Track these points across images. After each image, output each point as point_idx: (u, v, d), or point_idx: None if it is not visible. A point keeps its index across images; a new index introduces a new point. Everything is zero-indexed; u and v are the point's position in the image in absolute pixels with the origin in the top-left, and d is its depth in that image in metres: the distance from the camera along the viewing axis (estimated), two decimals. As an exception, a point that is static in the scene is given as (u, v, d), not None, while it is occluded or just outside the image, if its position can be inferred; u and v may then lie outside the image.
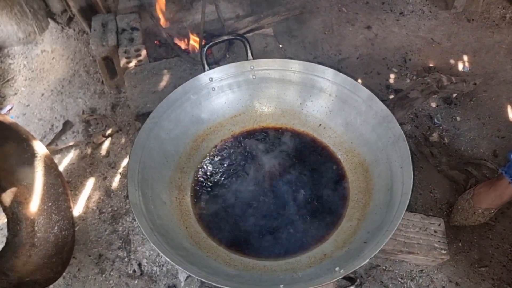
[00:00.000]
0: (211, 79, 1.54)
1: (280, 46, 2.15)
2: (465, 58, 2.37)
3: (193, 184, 1.50)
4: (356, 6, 2.69)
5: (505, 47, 2.41)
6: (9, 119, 1.64)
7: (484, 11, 2.60)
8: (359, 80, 2.20)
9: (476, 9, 2.60)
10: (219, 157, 1.57)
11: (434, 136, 2.00)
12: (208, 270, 1.17)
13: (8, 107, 2.26)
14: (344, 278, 1.08)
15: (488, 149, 1.97)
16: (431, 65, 2.34)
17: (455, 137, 2.02)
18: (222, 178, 1.51)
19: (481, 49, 2.41)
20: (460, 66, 2.33)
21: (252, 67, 1.55)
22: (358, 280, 1.05)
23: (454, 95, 2.15)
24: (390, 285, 1.58)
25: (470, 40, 2.45)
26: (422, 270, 1.61)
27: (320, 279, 1.09)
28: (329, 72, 1.49)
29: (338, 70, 1.49)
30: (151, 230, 1.18)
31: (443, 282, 1.59)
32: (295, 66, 1.52)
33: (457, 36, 2.49)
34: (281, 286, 1.08)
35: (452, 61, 2.36)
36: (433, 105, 2.13)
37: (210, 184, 1.50)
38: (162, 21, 2.20)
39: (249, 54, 1.55)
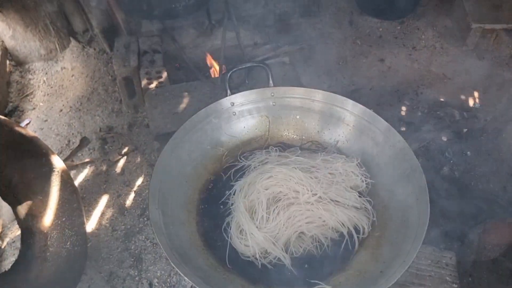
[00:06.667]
0: (232, 104, 1.59)
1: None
2: (476, 94, 2.42)
3: (210, 206, 1.51)
4: (369, 39, 2.76)
5: (515, 85, 2.47)
6: (31, 132, 1.68)
7: (494, 50, 2.67)
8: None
9: (487, 47, 2.67)
10: (235, 180, 1.59)
11: (445, 170, 2.03)
12: (226, 292, 1.18)
13: (26, 121, 2.31)
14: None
15: (498, 185, 2.00)
16: (442, 99, 2.39)
17: (466, 172, 2.04)
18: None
19: (492, 86, 2.46)
20: (471, 102, 2.38)
21: (273, 94, 1.60)
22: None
23: (465, 130, 2.19)
24: (401, 317, 1.58)
25: (481, 77, 2.51)
26: (432, 303, 1.61)
27: (337, 306, 1.10)
28: (348, 103, 1.53)
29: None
30: (171, 250, 1.20)
31: (453, 316, 1.59)
32: (316, 95, 1.57)
33: (468, 73, 2.55)
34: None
35: (463, 97, 2.41)
36: (444, 139, 2.17)
37: (226, 205, 1.51)
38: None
39: (270, 81, 1.60)
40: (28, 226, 1.57)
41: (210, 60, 2.25)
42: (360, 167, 1.52)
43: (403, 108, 2.35)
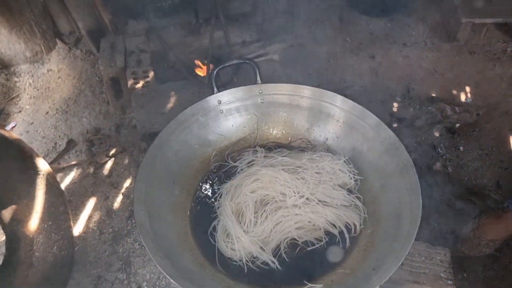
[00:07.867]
0: (219, 102, 1.56)
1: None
2: (468, 89, 2.41)
3: (197, 207, 1.48)
4: (360, 36, 2.74)
5: (507, 80, 2.45)
6: (14, 135, 1.64)
7: (485, 45, 2.66)
8: (363, 108, 2.23)
9: (478, 42, 2.65)
10: (224, 180, 1.56)
11: (438, 165, 2.01)
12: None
13: (12, 125, 2.27)
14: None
15: (492, 180, 1.98)
16: (434, 95, 2.37)
17: (459, 167, 2.03)
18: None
19: (483, 81, 2.44)
20: (463, 97, 2.36)
21: (260, 91, 1.57)
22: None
23: (457, 125, 2.17)
24: (396, 315, 1.55)
25: (472, 72, 2.50)
26: (427, 301, 1.59)
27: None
28: (337, 99, 1.51)
29: (343, 98, 1.51)
30: (157, 252, 1.16)
31: (448, 313, 1.56)
32: (304, 91, 1.54)
33: (460, 68, 2.53)
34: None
35: (454, 92, 2.39)
36: (437, 134, 2.15)
37: (214, 207, 1.48)
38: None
39: (258, 79, 1.57)
40: (13, 231, 1.54)
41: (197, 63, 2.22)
42: (347, 163, 1.50)
43: (395, 104, 2.32)
